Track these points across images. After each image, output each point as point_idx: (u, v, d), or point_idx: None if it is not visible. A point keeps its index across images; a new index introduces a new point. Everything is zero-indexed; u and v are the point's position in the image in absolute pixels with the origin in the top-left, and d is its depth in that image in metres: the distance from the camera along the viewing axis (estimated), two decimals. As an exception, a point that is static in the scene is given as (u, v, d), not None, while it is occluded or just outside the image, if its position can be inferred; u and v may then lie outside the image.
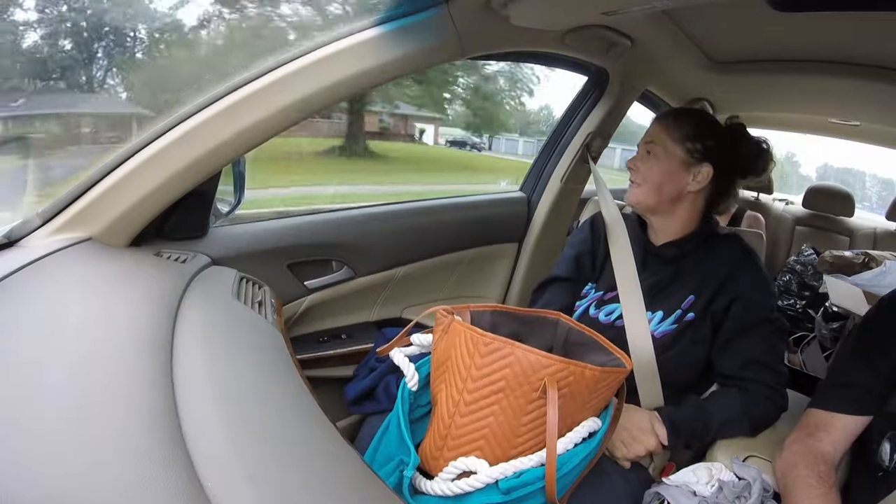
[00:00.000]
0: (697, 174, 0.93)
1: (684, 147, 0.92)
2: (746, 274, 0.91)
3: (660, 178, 0.93)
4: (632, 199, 0.96)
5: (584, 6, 0.92)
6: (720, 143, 0.93)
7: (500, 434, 0.66)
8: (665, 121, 0.96)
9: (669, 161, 0.92)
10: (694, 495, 0.78)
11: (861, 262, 1.30)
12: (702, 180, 0.93)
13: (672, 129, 0.93)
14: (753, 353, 0.88)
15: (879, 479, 0.73)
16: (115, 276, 0.73)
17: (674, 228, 0.96)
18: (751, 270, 0.92)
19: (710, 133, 0.94)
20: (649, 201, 0.94)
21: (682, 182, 0.93)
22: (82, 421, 0.42)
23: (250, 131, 0.78)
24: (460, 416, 0.67)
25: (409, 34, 0.81)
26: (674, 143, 0.92)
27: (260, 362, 0.64)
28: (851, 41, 1.07)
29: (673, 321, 0.92)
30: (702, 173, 0.93)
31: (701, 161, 0.92)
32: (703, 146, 0.92)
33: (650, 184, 0.93)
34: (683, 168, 0.92)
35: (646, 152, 0.95)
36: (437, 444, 0.70)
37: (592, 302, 0.99)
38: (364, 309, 1.22)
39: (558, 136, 1.48)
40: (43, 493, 0.35)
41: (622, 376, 0.72)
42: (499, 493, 0.65)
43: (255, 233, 1.05)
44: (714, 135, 0.94)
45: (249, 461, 0.43)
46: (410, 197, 1.41)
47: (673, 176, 0.93)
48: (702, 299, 0.91)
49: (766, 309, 0.90)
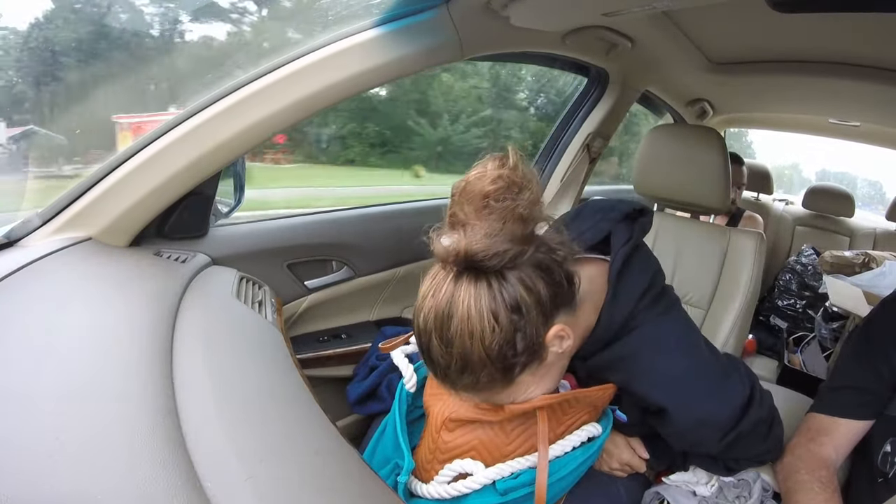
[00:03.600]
0: (546, 357, 0.58)
1: (498, 394, 0.60)
2: (653, 386, 0.66)
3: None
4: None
5: (585, 7, 0.92)
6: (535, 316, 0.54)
7: (491, 445, 0.66)
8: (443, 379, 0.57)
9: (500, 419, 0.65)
10: (694, 495, 0.78)
11: (861, 263, 1.30)
12: (565, 340, 0.59)
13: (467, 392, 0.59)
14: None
15: (880, 484, 0.73)
16: (115, 275, 0.73)
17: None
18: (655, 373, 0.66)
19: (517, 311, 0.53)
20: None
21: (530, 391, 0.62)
22: (82, 421, 0.42)
23: (250, 131, 0.79)
24: (448, 432, 0.67)
25: (409, 35, 0.81)
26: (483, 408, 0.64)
27: (260, 362, 0.64)
28: (851, 42, 1.07)
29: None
30: (551, 351, 0.58)
31: (529, 364, 0.57)
32: (516, 354, 0.54)
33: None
34: (506, 384, 0.58)
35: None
36: (427, 458, 0.69)
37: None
38: (364, 308, 1.22)
39: (559, 136, 1.49)
40: (43, 493, 0.35)
41: (609, 392, 0.69)
42: (496, 494, 0.64)
43: (255, 232, 1.05)
44: (517, 334, 0.54)
45: (249, 461, 0.43)
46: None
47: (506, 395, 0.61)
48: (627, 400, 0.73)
49: (698, 414, 0.65)
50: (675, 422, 0.65)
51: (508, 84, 3.12)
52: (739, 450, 0.69)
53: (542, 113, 2.80)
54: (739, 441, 0.66)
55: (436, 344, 0.54)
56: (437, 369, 0.56)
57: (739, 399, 0.66)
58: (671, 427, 0.67)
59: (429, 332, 0.54)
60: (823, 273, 1.45)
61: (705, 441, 0.67)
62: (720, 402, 0.65)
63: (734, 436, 0.65)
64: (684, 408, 0.65)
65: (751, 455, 0.73)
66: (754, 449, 0.71)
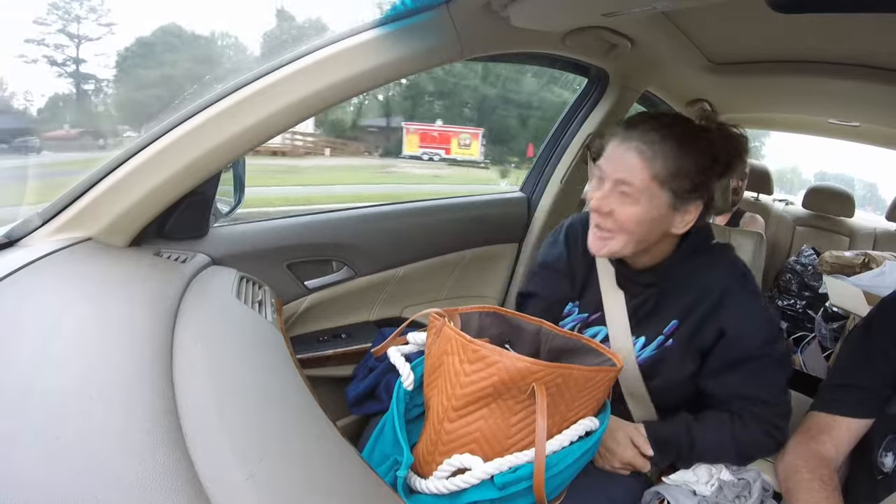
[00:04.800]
0: (686, 214, 0.77)
1: (670, 188, 0.75)
2: (738, 305, 0.80)
3: (639, 227, 0.76)
4: (601, 251, 0.80)
5: (585, 8, 0.92)
6: (709, 167, 0.77)
7: (491, 437, 0.66)
8: (641, 148, 0.74)
9: (652, 207, 0.75)
10: (694, 495, 0.78)
11: (861, 263, 1.30)
12: (690, 220, 0.78)
13: (655, 164, 0.74)
14: (745, 387, 0.80)
15: (879, 482, 0.73)
16: (115, 275, 0.73)
17: (650, 259, 0.84)
18: (743, 301, 0.81)
19: (696, 158, 0.75)
20: (625, 251, 0.79)
21: (667, 226, 0.78)
22: (82, 421, 0.42)
23: (250, 132, 0.79)
24: (449, 422, 0.67)
25: (409, 35, 0.81)
26: (659, 187, 0.74)
27: (260, 362, 0.64)
28: (851, 42, 1.07)
29: (655, 347, 0.84)
30: (690, 213, 0.77)
31: (689, 199, 0.76)
32: (692, 182, 0.75)
33: (627, 234, 0.76)
34: (669, 211, 0.76)
35: (618, 192, 0.75)
36: (428, 450, 0.70)
37: (577, 324, 0.92)
38: (364, 308, 1.22)
39: (558, 136, 1.49)
40: (42, 493, 0.35)
41: (612, 374, 0.71)
42: (494, 488, 0.65)
43: (255, 232, 1.05)
44: (701, 158, 0.76)
45: (249, 461, 0.43)
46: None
47: (656, 222, 0.76)
48: (686, 326, 0.82)
49: (759, 342, 0.79)
50: (736, 347, 0.79)
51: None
52: (763, 380, 0.80)
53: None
54: (766, 370, 0.80)
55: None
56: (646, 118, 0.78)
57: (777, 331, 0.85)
58: (725, 357, 0.80)
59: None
60: (823, 273, 1.46)
61: (747, 379, 0.79)
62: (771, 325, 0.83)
63: (774, 370, 0.80)
64: (751, 338, 0.79)
65: (764, 414, 0.80)
66: (773, 383, 0.81)
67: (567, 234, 0.96)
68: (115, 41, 16.16)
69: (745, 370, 0.80)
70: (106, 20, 13.31)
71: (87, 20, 13.14)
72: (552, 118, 1.59)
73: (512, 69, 8.03)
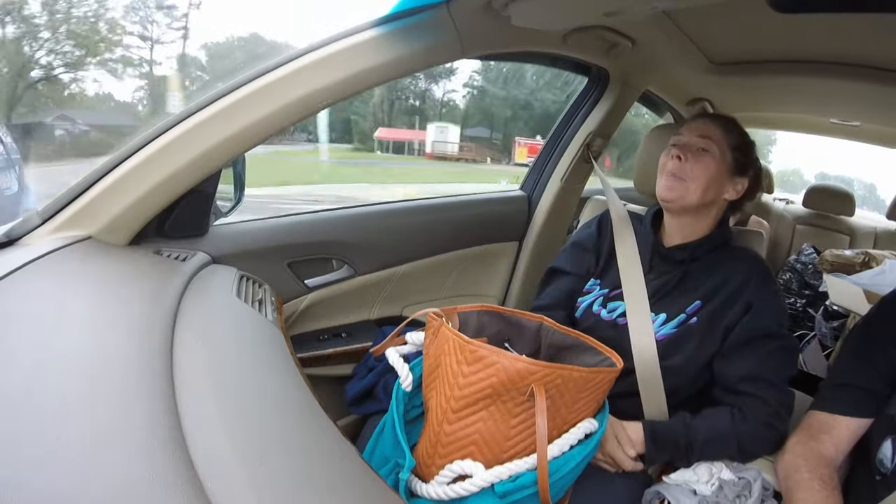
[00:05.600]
0: (737, 185, 0.93)
1: (734, 155, 0.91)
2: (763, 285, 0.89)
3: (709, 179, 0.89)
4: (671, 195, 0.91)
5: (586, 7, 0.91)
6: (755, 161, 0.95)
7: (491, 439, 0.66)
8: (723, 122, 0.94)
9: (722, 165, 0.90)
10: (694, 494, 0.78)
11: (861, 262, 1.30)
12: (738, 192, 0.93)
13: (730, 134, 0.92)
14: (756, 367, 0.83)
15: (879, 482, 0.73)
16: (114, 274, 0.73)
17: (690, 231, 0.94)
18: (767, 286, 0.90)
19: (751, 148, 0.95)
20: (691, 200, 0.90)
21: (724, 189, 0.92)
22: (82, 420, 0.42)
23: (250, 130, 0.78)
24: (448, 424, 0.67)
25: (409, 34, 0.81)
26: (729, 149, 0.91)
27: (260, 360, 0.64)
28: (851, 42, 1.07)
29: (675, 325, 0.89)
30: (740, 185, 0.93)
31: (742, 173, 0.93)
32: (746, 159, 0.93)
33: (698, 183, 0.89)
34: (729, 175, 0.92)
35: (700, 149, 0.90)
36: (428, 452, 0.69)
37: (597, 298, 0.98)
38: (364, 307, 1.22)
39: (559, 135, 1.48)
40: (42, 493, 0.35)
41: (612, 375, 0.71)
42: (494, 496, 0.65)
43: (255, 231, 1.05)
44: (753, 151, 0.95)
45: (249, 460, 0.43)
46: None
47: (719, 180, 0.91)
48: (709, 307, 0.88)
49: (775, 324, 0.86)
50: (754, 322, 0.86)
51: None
52: (772, 367, 0.84)
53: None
54: (778, 354, 0.85)
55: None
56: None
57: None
58: (743, 333, 0.85)
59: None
60: (823, 272, 1.46)
61: (760, 358, 0.84)
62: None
63: (784, 356, 0.86)
64: (769, 317, 0.86)
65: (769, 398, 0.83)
66: (781, 370, 0.85)
67: (601, 220, 1.08)
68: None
69: (761, 349, 0.84)
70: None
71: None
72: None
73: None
